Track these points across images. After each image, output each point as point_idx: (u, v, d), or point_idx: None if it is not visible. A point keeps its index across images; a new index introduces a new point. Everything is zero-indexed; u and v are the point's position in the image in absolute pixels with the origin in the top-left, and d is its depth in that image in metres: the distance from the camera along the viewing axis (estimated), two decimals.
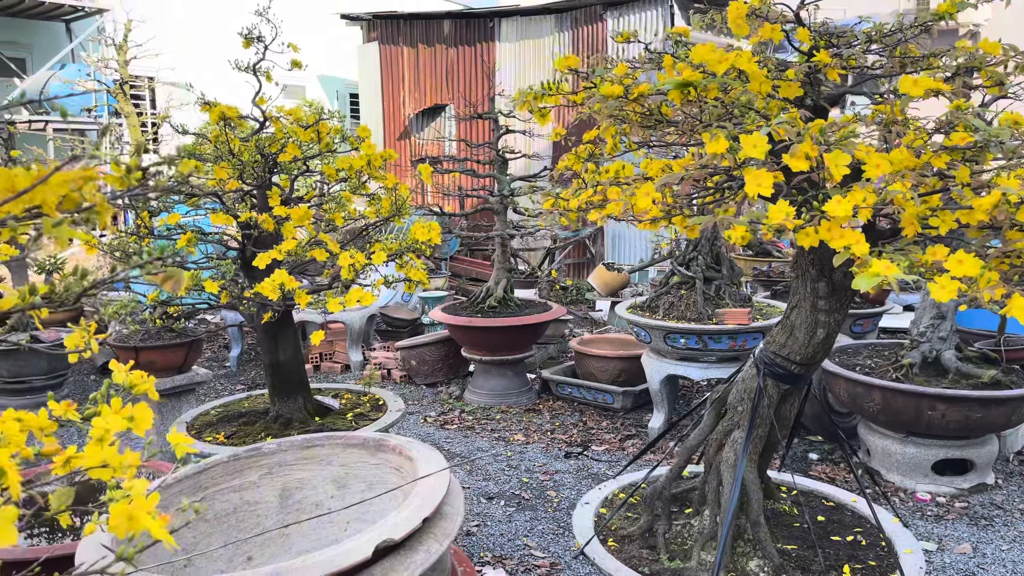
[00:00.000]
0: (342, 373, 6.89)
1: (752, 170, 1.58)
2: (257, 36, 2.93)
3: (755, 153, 1.56)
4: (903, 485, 4.32)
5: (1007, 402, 4.01)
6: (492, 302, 5.84)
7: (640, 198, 1.73)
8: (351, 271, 2.55)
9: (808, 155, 1.58)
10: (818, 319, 2.11)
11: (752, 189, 1.57)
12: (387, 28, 13.14)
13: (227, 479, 2.26)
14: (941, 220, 1.71)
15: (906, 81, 1.61)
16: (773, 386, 2.22)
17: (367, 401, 3.41)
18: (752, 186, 1.57)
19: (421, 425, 5.50)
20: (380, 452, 2.26)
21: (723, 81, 1.74)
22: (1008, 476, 4.46)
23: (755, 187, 1.57)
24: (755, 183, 1.57)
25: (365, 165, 2.79)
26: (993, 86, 1.89)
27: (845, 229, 1.66)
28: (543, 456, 4.89)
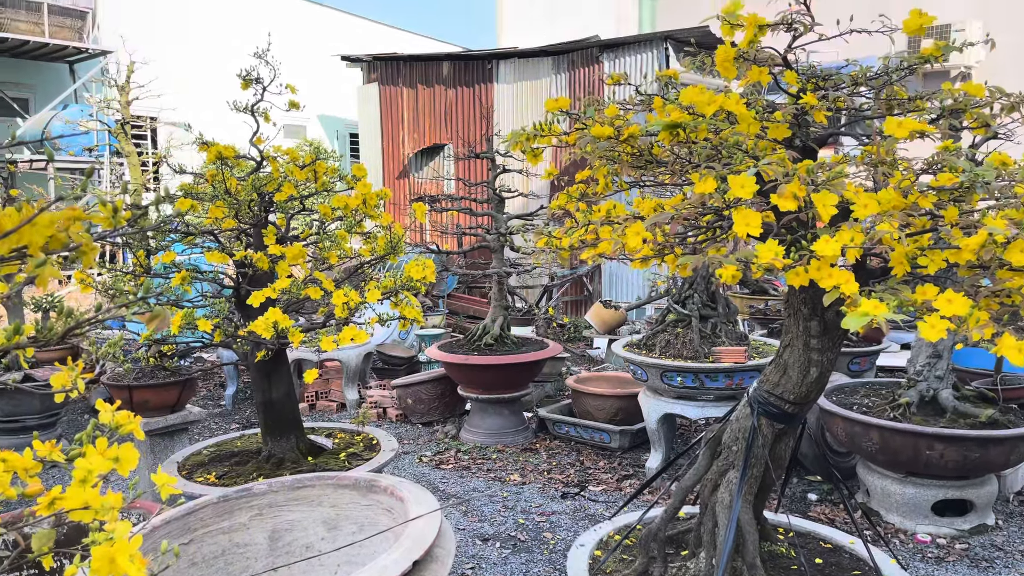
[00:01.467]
0: (338, 411, 6.84)
1: (741, 210, 1.59)
2: (256, 78, 2.97)
3: (743, 193, 1.58)
4: (903, 526, 4.27)
5: (1005, 441, 3.98)
6: (489, 340, 5.83)
7: (631, 237, 1.74)
8: (345, 309, 2.55)
9: (796, 195, 1.59)
10: (811, 358, 2.11)
11: (741, 229, 1.58)
12: (387, 69, 13.33)
13: (216, 521, 2.23)
14: (930, 259, 1.72)
15: (891, 123, 1.64)
16: (767, 425, 2.20)
17: (360, 441, 3.38)
18: (741, 226, 1.58)
19: (416, 465, 5.45)
20: (372, 493, 2.23)
21: (712, 123, 1.76)
22: (1008, 517, 4.41)
23: (744, 227, 1.58)
24: (744, 223, 1.58)
25: (361, 204, 2.81)
26: (979, 127, 1.91)
27: (834, 268, 1.67)
28: (540, 496, 4.83)
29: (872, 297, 1.68)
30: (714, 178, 1.56)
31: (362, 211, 2.89)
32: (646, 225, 1.68)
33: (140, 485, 3.52)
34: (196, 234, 2.69)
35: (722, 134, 1.91)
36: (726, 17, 1.85)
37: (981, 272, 1.85)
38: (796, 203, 1.59)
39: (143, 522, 2.27)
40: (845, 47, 2.31)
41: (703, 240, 1.77)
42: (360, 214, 2.92)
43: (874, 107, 1.96)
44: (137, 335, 3.22)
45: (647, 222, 1.67)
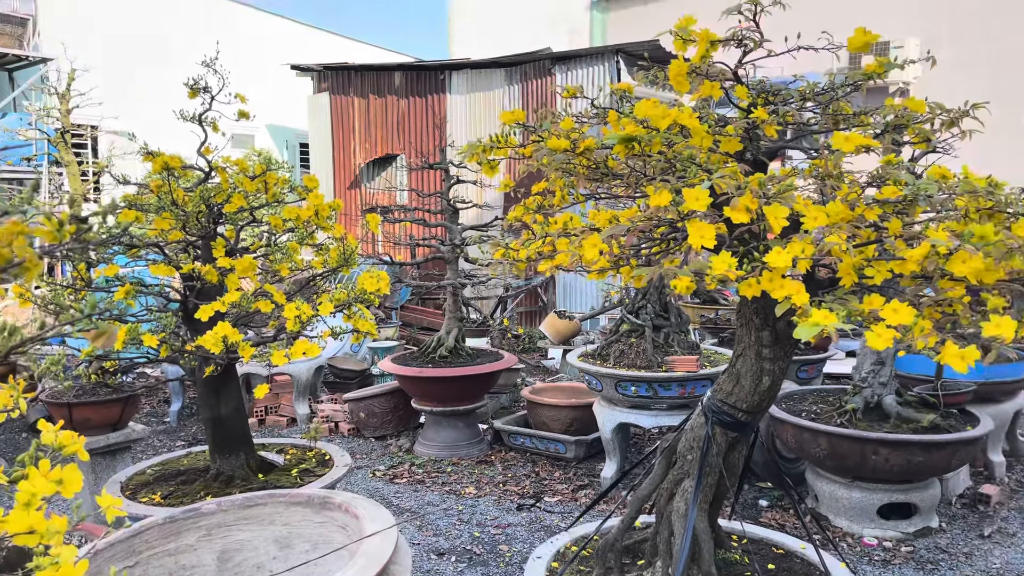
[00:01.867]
0: (288, 427, 6.72)
1: (696, 222, 1.61)
2: (203, 86, 2.91)
3: (697, 206, 1.60)
4: (850, 530, 4.37)
5: (947, 446, 4.11)
6: (443, 352, 5.80)
7: (587, 249, 1.74)
8: (297, 323, 2.51)
9: (749, 207, 1.62)
10: (763, 367, 2.14)
11: (695, 241, 1.60)
12: (338, 79, 13.22)
13: (162, 543, 2.16)
14: (876, 270, 1.77)
15: (838, 137, 1.68)
16: (721, 434, 2.23)
17: (313, 456, 3.32)
18: (695, 238, 1.60)
19: (370, 479, 5.38)
20: (325, 510, 2.19)
21: (666, 136, 1.78)
22: (951, 519, 4.54)
23: (698, 239, 1.60)
24: (698, 235, 1.60)
25: (313, 215, 2.77)
26: (921, 142, 1.97)
27: (786, 279, 1.70)
28: (495, 509, 4.81)
29: (822, 307, 1.72)
30: (669, 191, 1.57)
31: (314, 222, 2.85)
32: (602, 237, 1.69)
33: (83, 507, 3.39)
34: (141, 246, 2.61)
35: (675, 147, 1.94)
36: (679, 32, 1.88)
37: (923, 282, 1.91)
38: (749, 215, 1.61)
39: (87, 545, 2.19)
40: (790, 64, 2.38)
41: (657, 252, 1.79)
42: (312, 226, 2.87)
43: (821, 122, 2.01)
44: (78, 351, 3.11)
45: (603, 234, 1.67)
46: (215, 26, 16.14)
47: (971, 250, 1.49)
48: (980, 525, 4.47)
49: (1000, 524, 4.49)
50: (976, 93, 8.67)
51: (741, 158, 2.07)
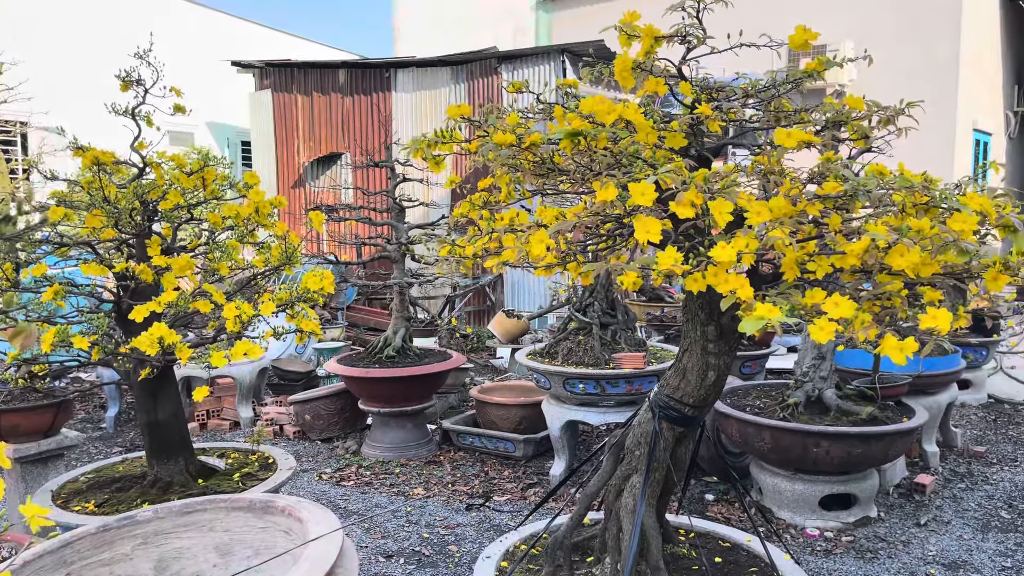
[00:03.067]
0: (231, 430, 6.56)
1: (642, 217, 1.61)
2: (136, 79, 2.81)
3: (643, 201, 1.60)
4: (793, 521, 4.46)
5: (884, 437, 4.23)
6: (390, 352, 5.73)
7: (534, 245, 1.73)
8: (237, 323, 2.43)
9: (693, 202, 1.62)
10: (708, 362, 2.16)
11: (641, 236, 1.60)
12: (280, 76, 12.97)
13: (95, 552, 2.07)
14: (817, 265, 1.79)
15: (780, 134, 1.70)
16: (668, 429, 2.24)
17: (255, 460, 3.23)
18: (641, 233, 1.60)
19: (316, 483, 5.28)
20: (267, 514, 2.13)
21: (612, 131, 1.78)
22: (889, 509, 4.68)
23: (644, 234, 1.60)
24: (644, 230, 1.60)
25: (253, 212, 2.69)
26: (859, 139, 2.01)
27: (730, 274, 1.71)
28: (444, 510, 4.77)
29: (766, 301, 1.73)
30: (615, 186, 1.57)
31: (255, 220, 2.77)
32: (549, 233, 1.68)
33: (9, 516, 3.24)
34: (71, 245, 2.50)
35: (621, 143, 1.94)
36: (624, 28, 1.88)
37: (863, 276, 1.95)
38: (694, 210, 1.62)
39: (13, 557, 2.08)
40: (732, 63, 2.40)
41: (604, 248, 1.78)
42: (252, 223, 2.79)
43: (763, 119, 2.03)
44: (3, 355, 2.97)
45: (550, 230, 1.66)
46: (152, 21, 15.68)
47: (908, 244, 1.52)
48: (916, 514, 4.61)
49: (935, 512, 4.63)
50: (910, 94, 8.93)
51: (686, 154, 2.08)
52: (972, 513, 4.64)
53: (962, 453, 5.76)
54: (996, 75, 13.63)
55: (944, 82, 11.70)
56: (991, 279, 1.83)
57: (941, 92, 11.63)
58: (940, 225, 1.61)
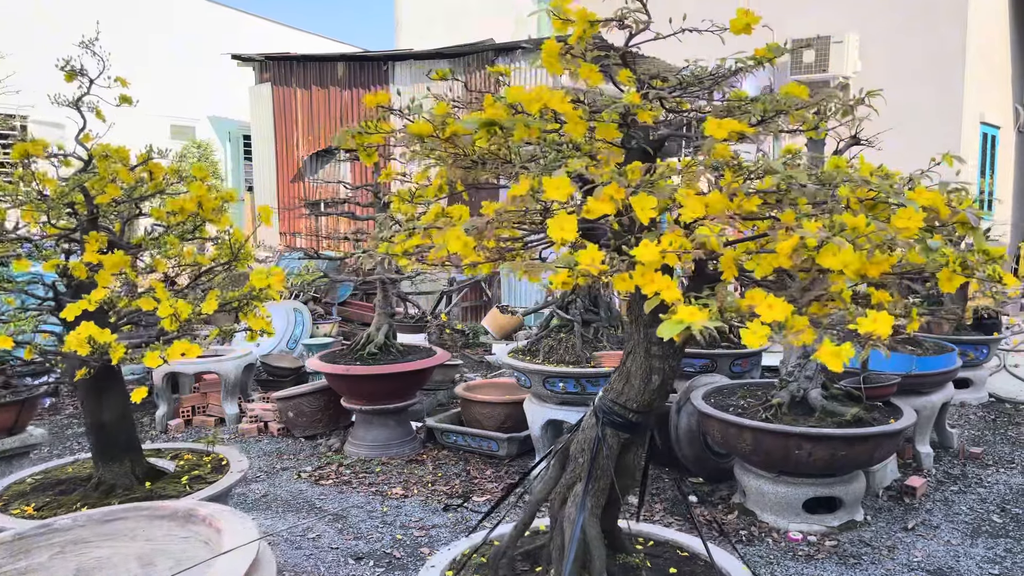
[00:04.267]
0: (216, 426, 6.50)
1: (559, 214, 1.50)
2: (79, 69, 2.72)
3: (558, 195, 1.49)
4: (776, 525, 4.34)
5: (869, 439, 4.10)
6: (372, 349, 5.64)
7: (451, 242, 1.62)
8: (174, 322, 2.34)
9: (614, 197, 1.51)
10: (652, 365, 2.05)
11: (556, 233, 1.49)
12: (280, 69, 12.90)
13: (11, 561, 1.99)
14: (756, 263, 1.68)
15: (711, 124, 1.58)
16: (613, 435, 2.13)
17: (209, 462, 3.15)
18: (556, 231, 1.49)
19: (295, 481, 5.21)
20: (190, 524, 2.04)
21: (525, 120, 1.67)
22: (877, 512, 4.54)
23: (559, 232, 1.49)
24: (559, 228, 1.49)
25: (196, 207, 2.60)
26: (809, 130, 1.89)
27: (657, 274, 1.60)
28: (421, 510, 4.68)
29: (698, 302, 1.62)
30: (529, 179, 1.46)
31: (202, 215, 2.68)
32: (462, 229, 1.57)
33: None
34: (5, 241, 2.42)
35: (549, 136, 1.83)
36: (553, 11, 1.77)
37: (821, 276, 1.83)
38: (613, 206, 1.51)
39: None
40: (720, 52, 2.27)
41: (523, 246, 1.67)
42: (200, 218, 2.71)
43: (713, 109, 1.91)
44: None
45: (463, 226, 1.55)
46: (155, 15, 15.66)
47: (839, 243, 1.40)
48: (905, 517, 4.48)
49: (924, 516, 4.50)
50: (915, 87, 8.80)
51: (626, 147, 1.96)
52: (963, 517, 4.51)
53: (957, 454, 5.61)
54: (1005, 68, 13.36)
55: (950, 74, 11.46)
56: (945, 280, 1.71)
57: (947, 85, 11.40)
58: (878, 223, 1.49)
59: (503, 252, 1.81)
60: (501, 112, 1.55)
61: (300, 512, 4.67)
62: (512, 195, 1.48)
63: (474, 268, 1.72)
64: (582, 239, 2.08)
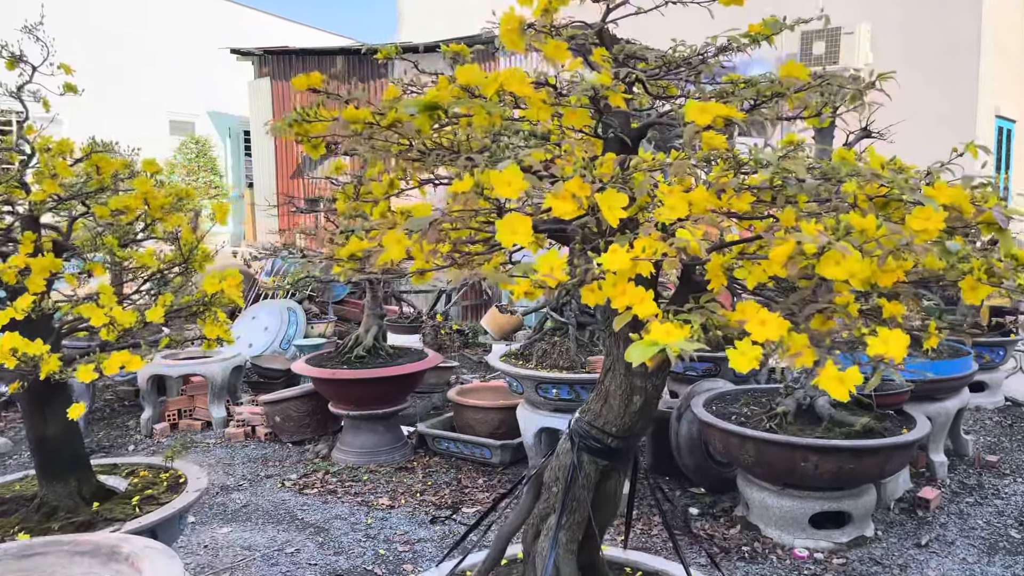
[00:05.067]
0: (203, 431, 6.30)
1: (512, 215, 1.27)
2: (19, 56, 2.50)
3: (508, 192, 1.25)
4: (781, 541, 4.09)
5: (879, 451, 3.85)
6: (360, 352, 5.42)
7: (391, 245, 1.39)
8: (111, 331, 2.12)
9: (576, 195, 1.28)
10: (634, 384, 1.81)
11: (506, 237, 1.25)
12: (279, 64, 12.70)
13: None
14: (748, 271, 1.44)
15: (692, 107, 1.34)
16: (590, 462, 1.90)
17: (165, 479, 2.93)
18: (505, 233, 1.25)
19: (278, 490, 5.00)
20: (113, 562, 1.82)
21: (491, 106, 1.43)
22: (888, 527, 4.29)
23: (509, 235, 1.26)
24: (510, 230, 1.26)
25: (142, 204, 2.38)
26: (811, 116, 1.65)
27: (629, 285, 1.36)
28: (407, 523, 4.46)
29: (678, 318, 1.39)
30: (472, 172, 1.22)
31: (151, 214, 2.46)
32: (401, 230, 1.34)
33: None
34: None
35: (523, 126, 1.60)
36: None
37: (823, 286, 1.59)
38: (576, 204, 1.27)
39: None
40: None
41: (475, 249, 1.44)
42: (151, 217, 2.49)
43: (694, 92, 1.67)
44: None
45: (400, 227, 1.32)
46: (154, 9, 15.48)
47: (842, 248, 1.16)
48: (918, 533, 4.22)
49: (938, 531, 4.25)
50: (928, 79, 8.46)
51: (602, 137, 1.73)
52: (979, 532, 4.25)
53: (973, 463, 5.34)
54: (1021, 60, 13.00)
55: (964, 66, 11.13)
56: (969, 289, 1.47)
57: (961, 77, 11.07)
58: (890, 225, 1.25)
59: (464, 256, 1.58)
60: (444, 95, 1.32)
61: (281, 524, 4.46)
62: (453, 192, 1.25)
63: (422, 276, 1.49)
64: (556, 241, 1.85)
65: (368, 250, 1.67)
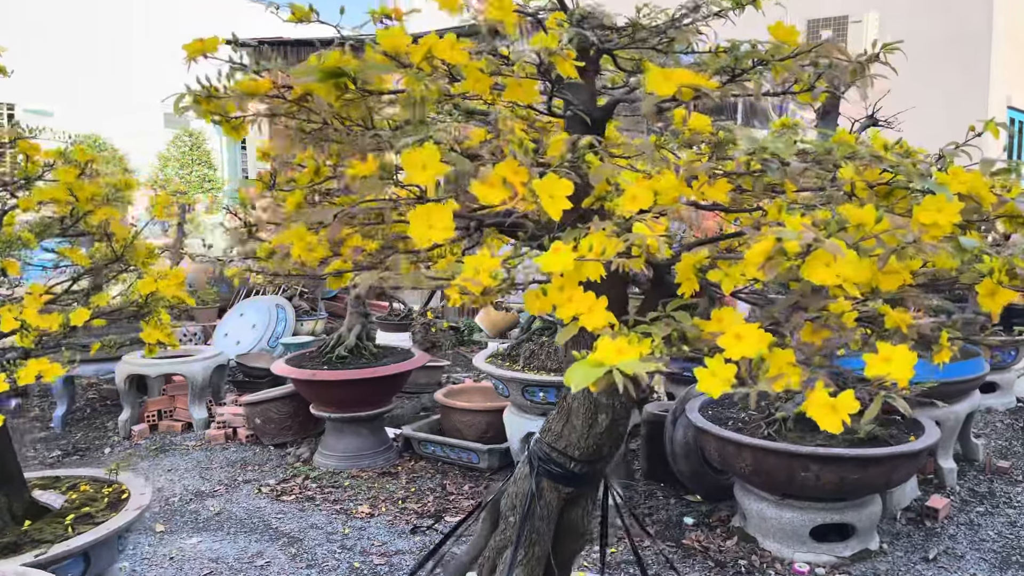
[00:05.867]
0: (184, 432, 6.09)
1: (429, 205, 1.03)
2: None
3: (423, 177, 1.02)
4: (780, 554, 3.85)
5: (884, 461, 3.60)
6: (342, 351, 5.20)
7: (295, 243, 1.16)
8: (25, 337, 1.90)
9: (507, 181, 1.04)
10: (599, 401, 1.58)
11: (420, 232, 1.02)
12: (275, 54, 12.47)
13: None
14: (723, 273, 1.21)
15: (654, 74, 1.10)
16: (551, 489, 1.67)
17: (107, 495, 2.71)
18: (420, 227, 1.02)
19: (254, 496, 4.78)
20: None
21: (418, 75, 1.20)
22: (895, 539, 4.05)
23: (424, 229, 1.02)
24: (424, 223, 1.02)
25: (68, 196, 2.16)
26: (803, 91, 1.41)
27: (577, 291, 1.13)
28: (386, 532, 4.24)
29: (637, 330, 1.15)
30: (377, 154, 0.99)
31: (80, 207, 2.24)
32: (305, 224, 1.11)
33: None
34: None
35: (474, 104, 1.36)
36: None
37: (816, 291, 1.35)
38: (508, 192, 1.04)
39: None
40: None
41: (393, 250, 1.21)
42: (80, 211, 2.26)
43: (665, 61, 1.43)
44: None
45: (299, 220, 1.09)
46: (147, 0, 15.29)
47: (832, 247, 0.92)
48: (925, 545, 3.98)
49: (947, 543, 4.01)
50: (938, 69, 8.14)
51: (561, 116, 1.49)
52: (990, 544, 4.01)
53: (984, 469, 5.09)
54: None
55: (975, 56, 10.82)
56: (987, 294, 1.23)
57: (972, 67, 10.76)
58: (892, 217, 1.01)
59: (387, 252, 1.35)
60: (350, 60, 1.08)
61: (254, 533, 4.25)
62: (352, 176, 1.02)
63: (339, 279, 1.25)
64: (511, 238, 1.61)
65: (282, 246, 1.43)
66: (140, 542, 4.12)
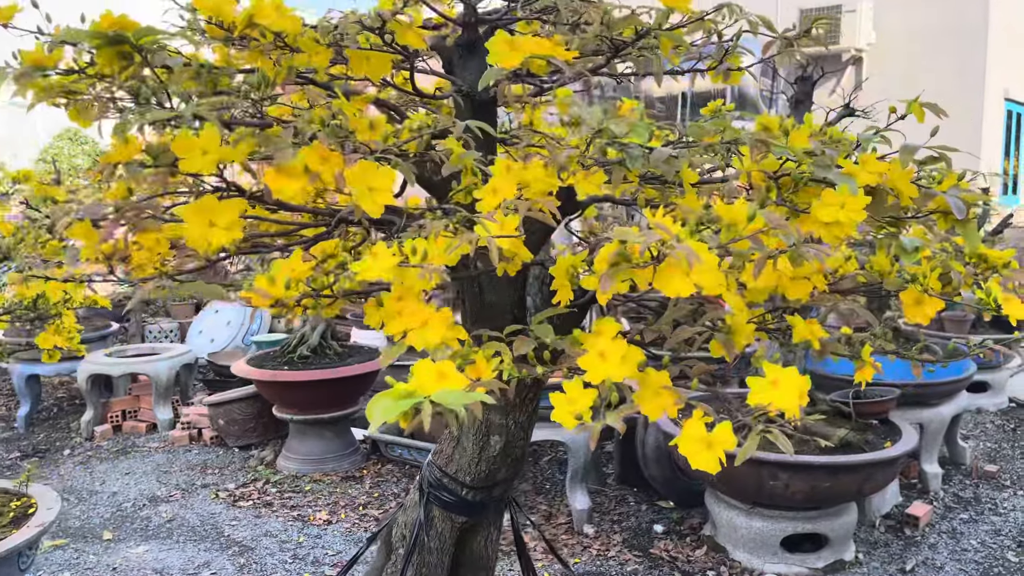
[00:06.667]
0: (148, 433, 5.92)
1: (207, 198, 0.85)
2: None
3: (202, 165, 0.84)
4: (750, 565, 3.68)
5: (858, 468, 3.42)
6: (304, 351, 5.02)
7: (85, 242, 0.98)
8: None
9: (309, 168, 0.86)
10: (491, 421, 1.40)
11: (197, 232, 0.83)
12: None
13: None
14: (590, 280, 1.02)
15: (498, 43, 0.91)
16: (444, 519, 1.49)
17: (15, 507, 2.54)
18: (198, 226, 0.83)
19: (210, 501, 4.61)
20: None
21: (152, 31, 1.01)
22: (871, 548, 3.87)
23: (203, 227, 0.84)
24: (203, 221, 0.84)
25: None
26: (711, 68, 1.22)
27: (410, 303, 0.95)
28: (342, 541, 4.07)
29: (485, 348, 0.97)
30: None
31: None
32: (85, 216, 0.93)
33: None
34: None
35: None
36: None
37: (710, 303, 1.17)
38: (306, 180, 0.86)
39: None
40: None
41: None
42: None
43: None
44: None
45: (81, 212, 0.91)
46: None
47: (687, 252, 0.74)
48: (903, 555, 3.80)
49: (927, 554, 3.83)
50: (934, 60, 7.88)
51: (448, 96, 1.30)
52: (972, 555, 3.83)
53: (970, 473, 4.91)
54: None
55: (972, 48, 10.59)
56: (912, 303, 1.05)
57: (968, 58, 10.53)
58: (770, 215, 0.82)
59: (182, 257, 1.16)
60: (130, 22, 0.90)
61: (204, 542, 4.08)
62: (110, 160, 0.84)
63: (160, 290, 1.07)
64: None
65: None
66: (85, 551, 3.96)
